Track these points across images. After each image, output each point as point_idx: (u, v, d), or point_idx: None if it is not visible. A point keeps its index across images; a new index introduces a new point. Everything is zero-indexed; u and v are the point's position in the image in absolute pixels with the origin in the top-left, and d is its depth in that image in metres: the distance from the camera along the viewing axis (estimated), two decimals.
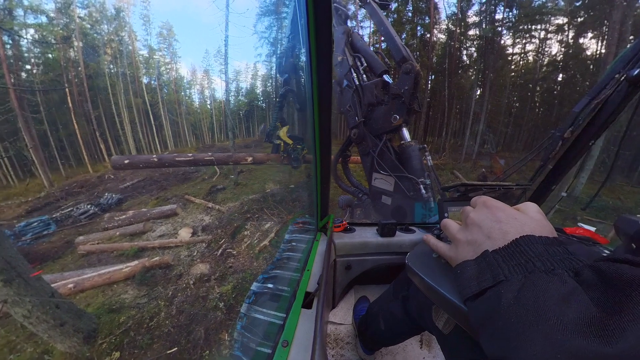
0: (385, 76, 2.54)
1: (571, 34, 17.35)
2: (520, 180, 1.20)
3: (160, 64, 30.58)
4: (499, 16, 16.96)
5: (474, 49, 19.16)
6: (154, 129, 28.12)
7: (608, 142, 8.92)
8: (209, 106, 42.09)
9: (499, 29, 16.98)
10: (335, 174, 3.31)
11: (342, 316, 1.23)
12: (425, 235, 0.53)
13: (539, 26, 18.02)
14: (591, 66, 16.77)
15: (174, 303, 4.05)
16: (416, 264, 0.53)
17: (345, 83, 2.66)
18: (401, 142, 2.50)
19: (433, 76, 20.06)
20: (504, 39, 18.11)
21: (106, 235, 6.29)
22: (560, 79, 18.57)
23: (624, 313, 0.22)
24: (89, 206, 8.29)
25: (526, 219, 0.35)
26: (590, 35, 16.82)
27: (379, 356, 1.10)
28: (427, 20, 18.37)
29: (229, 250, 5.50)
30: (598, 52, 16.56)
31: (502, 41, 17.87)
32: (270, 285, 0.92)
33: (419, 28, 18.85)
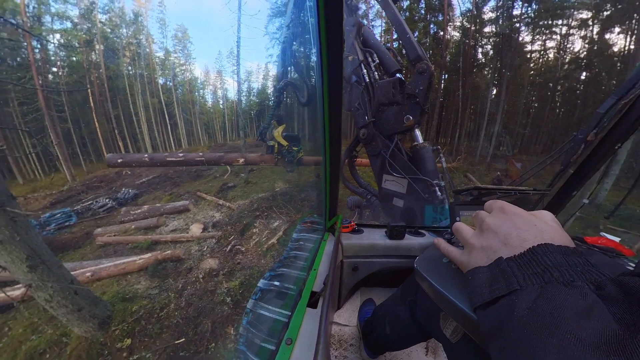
0: (397, 75, 2.49)
1: (596, 29, 16.24)
2: (538, 185, 1.14)
3: (175, 66, 31.62)
4: (516, 12, 16.17)
5: (489, 46, 18.38)
6: (169, 127, 29.13)
7: (637, 146, 8.35)
8: (221, 106, 43.07)
9: (516, 25, 16.14)
10: (342, 174, 3.28)
11: (347, 317, 1.22)
12: (436, 239, 0.52)
13: (561, 21, 16.98)
14: (618, 63, 15.70)
15: (184, 295, 4.16)
16: (425, 268, 0.51)
17: (353, 79, 2.57)
18: (414, 144, 2.43)
19: (446, 75, 19.45)
20: (522, 35, 17.17)
21: (122, 228, 6.55)
22: (583, 77, 17.46)
23: None
24: (107, 200, 8.68)
25: (545, 227, 0.34)
26: (617, 30, 15.73)
27: None
28: (441, 17, 17.82)
29: (237, 246, 5.58)
30: (626, 48, 15.51)
31: (520, 38, 16.97)
32: (276, 283, 0.93)
33: (431, 26, 18.31)
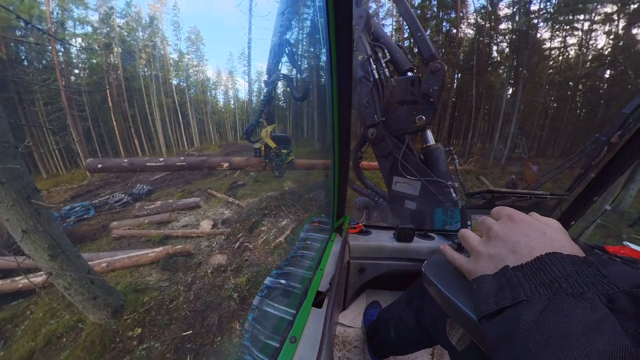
0: (409, 73, 2.43)
1: (622, 23, 15.19)
2: (556, 189, 1.09)
3: (188, 67, 32.46)
4: (534, 7, 15.43)
5: (505, 44, 17.66)
6: (182, 126, 29.94)
7: None
8: (232, 106, 43.82)
9: (534, 21, 15.40)
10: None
11: (352, 319, 1.21)
12: (442, 245, 0.51)
13: (582, 16, 15.99)
14: None
15: (192, 289, 4.26)
16: (433, 273, 0.51)
17: (360, 74, 2.46)
18: (427, 145, 2.36)
19: (459, 74, 18.86)
20: (541, 32, 16.36)
21: (136, 222, 6.79)
22: (607, 75, 16.36)
23: None
24: (123, 195, 9.02)
25: (555, 235, 0.33)
26: None
27: None
28: (454, 14, 17.28)
29: (245, 243, 5.65)
30: None
31: (539, 35, 16.16)
32: (282, 281, 0.92)
33: (444, 23, 17.72)
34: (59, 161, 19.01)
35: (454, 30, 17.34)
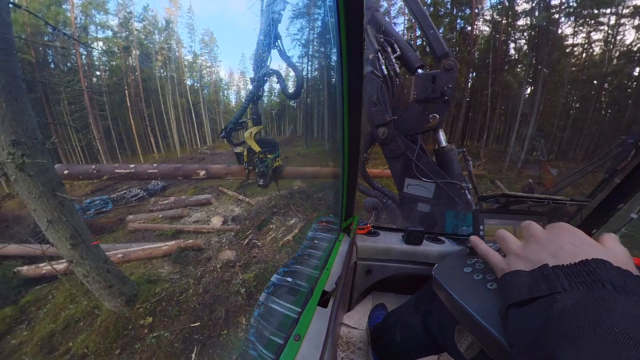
0: (419, 71, 2.38)
1: None
2: (577, 195, 1.03)
3: (202, 68, 33.35)
4: (555, 1, 14.59)
5: (523, 41, 16.84)
6: (195, 125, 30.81)
7: None
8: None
9: (555, 16, 14.55)
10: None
11: (357, 320, 1.19)
12: (473, 237, 0.49)
13: (609, 10, 14.98)
14: None
15: (202, 283, 4.37)
16: (444, 277, 0.50)
17: (368, 70, 2.34)
18: (440, 146, 2.27)
19: (474, 73, 18.21)
20: (562, 27, 15.40)
21: (151, 216, 7.06)
22: (637, 73, 15.34)
23: None
24: (139, 190, 9.39)
25: (606, 251, 0.31)
26: None
27: None
28: (469, 11, 16.68)
29: (254, 241, 5.74)
30: None
31: (560, 31, 15.22)
32: (289, 279, 0.93)
33: (458, 20, 17.09)
34: (81, 157, 20.13)
35: (469, 28, 16.76)
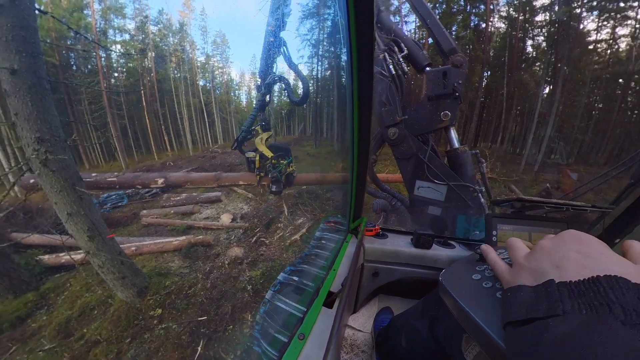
0: (428, 69, 2.33)
1: None
2: (599, 201, 0.97)
3: (214, 69, 34.11)
4: None
5: (542, 38, 15.96)
6: (207, 125, 31.60)
7: None
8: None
9: (576, 10, 13.66)
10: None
11: (362, 323, 1.17)
12: (484, 245, 0.48)
13: (637, 2, 13.96)
14: None
15: (210, 278, 4.46)
16: (451, 283, 0.49)
17: (375, 70, 2.39)
18: (453, 148, 2.21)
19: (489, 72, 17.56)
20: (585, 22, 14.37)
21: (163, 212, 7.29)
22: None
23: None
24: (153, 186, 9.70)
25: (621, 259, 0.29)
26: None
27: None
28: (483, 8, 15.99)
29: (262, 239, 5.79)
30: None
31: (581, 26, 14.23)
32: (295, 278, 0.94)
33: (472, 17, 16.37)
34: (99, 154, 21.30)
35: (483, 25, 16.09)
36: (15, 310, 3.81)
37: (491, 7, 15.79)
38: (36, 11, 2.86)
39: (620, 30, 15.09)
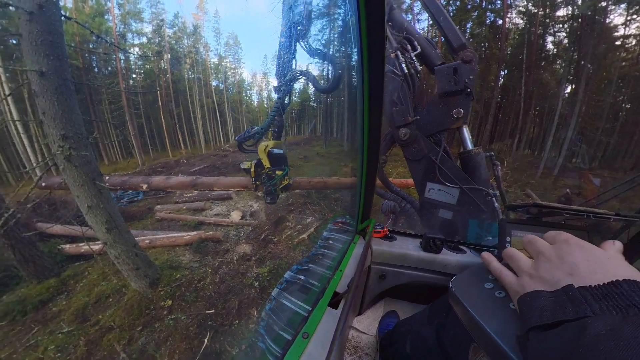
0: (437, 67, 2.28)
1: None
2: (623, 209, 0.90)
3: (226, 69, 34.83)
4: None
5: (563, 34, 15.13)
6: (219, 124, 32.32)
7: None
8: (265, 105, 45.80)
9: (602, 3, 12.68)
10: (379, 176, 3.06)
11: (367, 325, 1.16)
12: (485, 253, 0.46)
13: None
14: None
15: (218, 273, 4.56)
16: (462, 291, 0.47)
17: (387, 69, 2.30)
18: (466, 149, 2.16)
19: (506, 71, 16.88)
20: (611, 16, 13.34)
21: (176, 207, 7.54)
22: None
23: None
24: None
25: (626, 264, 0.30)
26: None
27: None
28: (500, 4, 15.31)
29: (270, 237, 5.84)
30: None
31: (608, 20, 13.23)
32: (302, 277, 0.93)
33: (488, 14, 15.66)
34: (117, 151, 22.38)
35: (500, 21, 15.35)
36: (39, 295, 4.07)
37: (508, 3, 15.12)
38: (62, 17, 3.03)
39: None
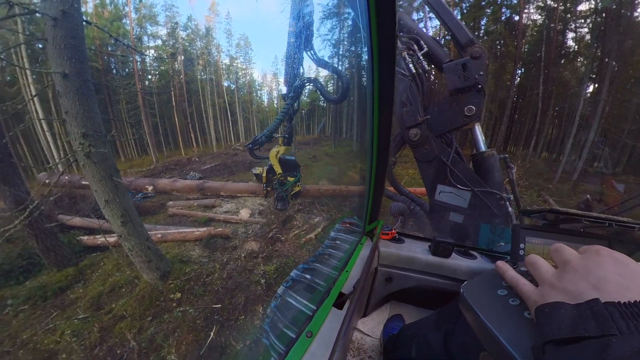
0: (446, 64, 2.23)
1: None
2: None
3: (238, 70, 35.47)
4: None
5: (585, 29, 14.24)
6: (230, 123, 33.05)
7: None
8: (275, 105, 46.28)
9: None
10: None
11: (371, 327, 1.15)
12: (500, 262, 0.45)
13: None
14: None
15: (226, 269, 4.66)
16: (473, 296, 0.46)
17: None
18: (479, 151, 2.11)
19: (522, 69, 16.06)
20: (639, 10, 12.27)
21: (187, 204, 7.73)
22: None
23: None
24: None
25: None
26: None
27: None
28: None
29: (278, 235, 5.89)
30: None
31: (635, 14, 12.04)
32: (307, 276, 0.93)
33: (503, 10, 14.88)
34: (133, 149, 23.35)
35: (516, 17, 14.60)
36: (58, 282, 4.36)
37: None
38: (83, 22, 3.21)
39: None
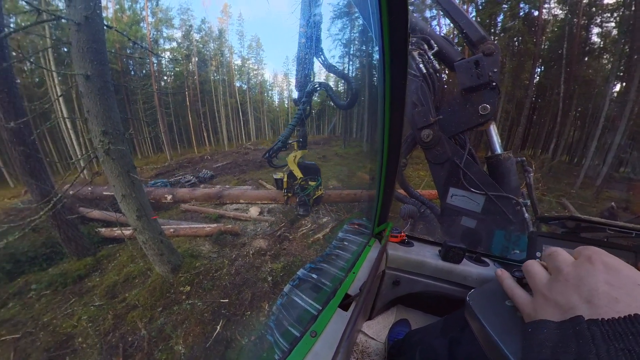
0: (457, 62, 2.17)
1: None
2: None
3: (249, 71, 36.08)
4: None
5: (612, 24, 13.33)
6: (242, 123, 33.70)
7: None
8: (286, 105, 46.68)
9: None
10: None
11: (376, 331, 1.13)
12: (499, 270, 0.44)
13: None
14: None
15: (234, 265, 4.75)
16: (480, 306, 0.44)
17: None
18: (495, 154, 2.03)
19: (542, 67, 15.28)
20: None
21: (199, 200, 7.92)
22: None
23: None
24: (191, 177, 10.76)
25: None
26: None
27: None
28: None
29: (286, 234, 5.93)
30: None
31: None
32: (314, 276, 0.94)
33: (521, 5, 14.07)
34: (149, 146, 24.41)
35: (535, 13, 13.84)
36: (77, 270, 4.65)
37: None
38: (104, 27, 3.38)
39: None
